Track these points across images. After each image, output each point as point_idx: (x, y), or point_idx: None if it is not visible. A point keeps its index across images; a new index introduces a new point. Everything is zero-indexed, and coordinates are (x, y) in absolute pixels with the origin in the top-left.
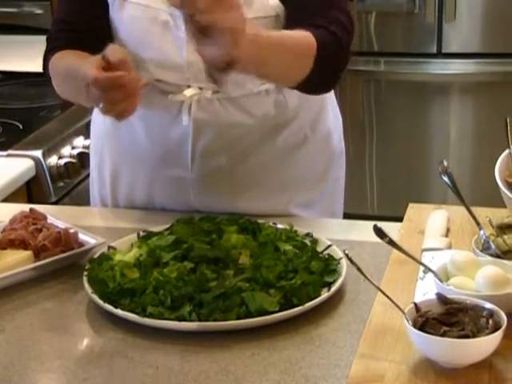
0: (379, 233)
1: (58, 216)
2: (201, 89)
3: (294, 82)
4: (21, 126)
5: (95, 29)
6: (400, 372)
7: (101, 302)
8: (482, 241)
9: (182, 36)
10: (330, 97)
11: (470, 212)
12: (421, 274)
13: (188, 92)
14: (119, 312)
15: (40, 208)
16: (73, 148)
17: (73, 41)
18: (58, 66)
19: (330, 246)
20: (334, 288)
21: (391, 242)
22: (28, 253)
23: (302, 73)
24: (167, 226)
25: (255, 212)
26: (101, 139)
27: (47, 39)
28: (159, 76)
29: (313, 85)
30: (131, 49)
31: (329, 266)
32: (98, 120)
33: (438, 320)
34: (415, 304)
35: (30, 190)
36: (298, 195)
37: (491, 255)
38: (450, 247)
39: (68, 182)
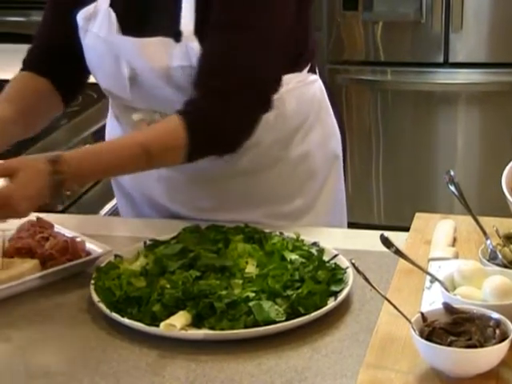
0: (386, 242)
1: (64, 225)
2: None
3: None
4: None
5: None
6: (406, 382)
7: (107, 311)
8: (489, 250)
9: (125, 74)
10: (318, 114)
11: (477, 222)
12: (427, 283)
13: (135, 117)
14: (126, 321)
15: (47, 217)
16: None
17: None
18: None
19: (336, 255)
20: (340, 297)
21: (398, 252)
22: (35, 261)
23: (174, 159)
24: (174, 234)
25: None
26: None
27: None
28: (114, 99)
29: (205, 155)
30: (92, 72)
31: (335, 276)
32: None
33: (445, 330)
34: (422, 313)
35: None
36: (267, 209)
37: (498, 265)
38: (456, 257)
39: (75, 191)
